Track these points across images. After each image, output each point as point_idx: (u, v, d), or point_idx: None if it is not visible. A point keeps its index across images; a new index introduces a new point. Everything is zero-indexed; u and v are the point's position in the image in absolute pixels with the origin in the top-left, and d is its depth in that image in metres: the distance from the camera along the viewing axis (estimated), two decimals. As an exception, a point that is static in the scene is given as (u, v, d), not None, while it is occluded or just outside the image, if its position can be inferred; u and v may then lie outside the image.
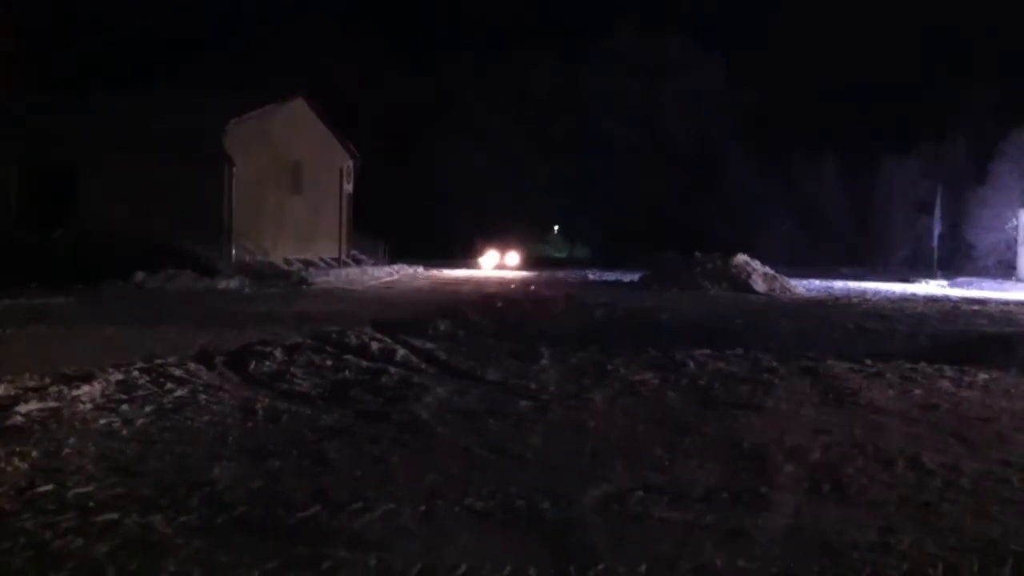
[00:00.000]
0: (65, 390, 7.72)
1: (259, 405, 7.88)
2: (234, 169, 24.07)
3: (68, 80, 30.25)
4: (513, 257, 49.38)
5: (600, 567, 4.36)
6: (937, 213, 44.77)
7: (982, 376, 10.64)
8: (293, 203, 28.11)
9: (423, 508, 5.18)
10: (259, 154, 25.59)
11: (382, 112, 45.87)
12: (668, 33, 53.71)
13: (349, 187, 33.56)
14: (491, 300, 18.07)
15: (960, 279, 37.28)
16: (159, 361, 9.63)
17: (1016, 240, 40.27)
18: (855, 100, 51.57)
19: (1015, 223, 40.74)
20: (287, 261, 26.01)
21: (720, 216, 48.83)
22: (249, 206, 24.73)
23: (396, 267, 33.06)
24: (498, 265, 44.15)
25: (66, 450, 6.20)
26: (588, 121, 55.24)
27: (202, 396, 8.17)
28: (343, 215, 32.96)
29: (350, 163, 33.50)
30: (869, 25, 52.26)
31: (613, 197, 54.22)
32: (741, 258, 26.95)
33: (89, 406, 7.45)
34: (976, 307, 22.49)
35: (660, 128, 54.09)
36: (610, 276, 33.81)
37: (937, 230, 44.87)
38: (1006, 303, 24.12)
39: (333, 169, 32.16)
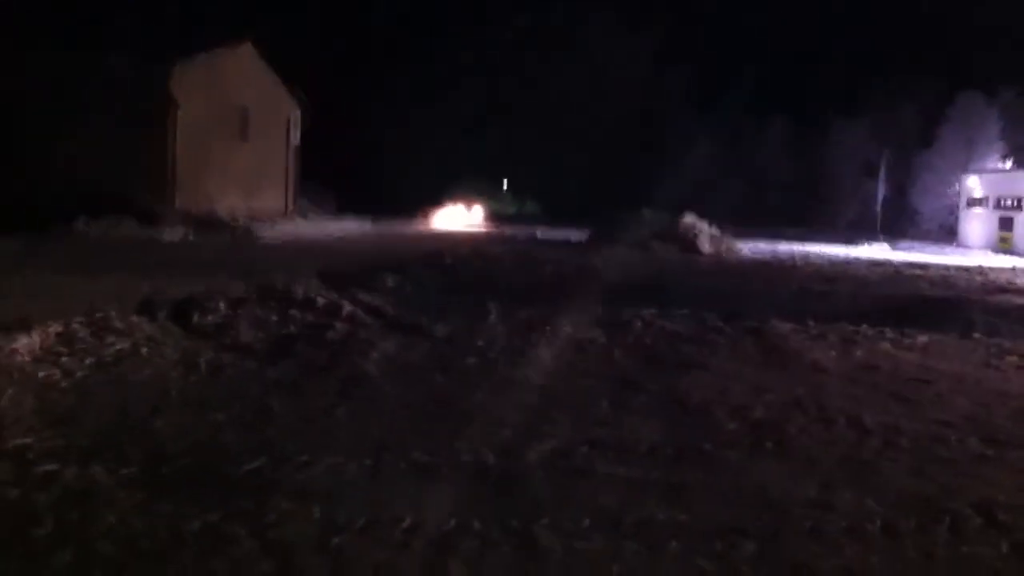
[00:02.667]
0: (2, 341, 7.53)
1: (202, 358, 7.79)
2: (179, 113, 23.52)
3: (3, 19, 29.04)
4: (471, 213, 49.33)
5: (544, 521, 4.39)
6: (882, 177, 45.26)
7: (922, 339, 10.82)
8: (240, 151, 27.57)
9: (368, 462, 5.18)
10: (206, 99, 24.98)
11: (331, 63, 45.14)
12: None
13: (296, 137, 33.01)
14: (439, 256, 17.97)
15: (903, 243, 37.81)
16: (100, 313, 9.42)
17: (958, 205, 40.90)
18: (804, 63, 51.82)
19: (958, 188, 41.34)
20: (233, 211, 25.61)
21: (667, 176, 48.93)
22: (194, 153, 24.18)
23: (344, 221, 32.71)
24: (451, 221, 44.03)
25: (3, 401, 6.08)
26: (536, 81, 54.98)
27: (144, 348, 8.06)
28: (290, 166, 32.39)
29: (298, 112, 32.93)
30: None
31: (562, 156, 54.17)
32: (689, 218, 27.05)
33: (27, 358, 7.29)
34: (918, 271, 22.84)
35: (608, 89, 53.94)
36: (559, 234, 33.80)
37: (881, 194, 45.39)
38: (946, 267, 24.50)
39: (280, 118, 31.54)
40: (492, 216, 51.45)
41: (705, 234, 26.45)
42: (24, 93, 23.32)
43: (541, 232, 36.46)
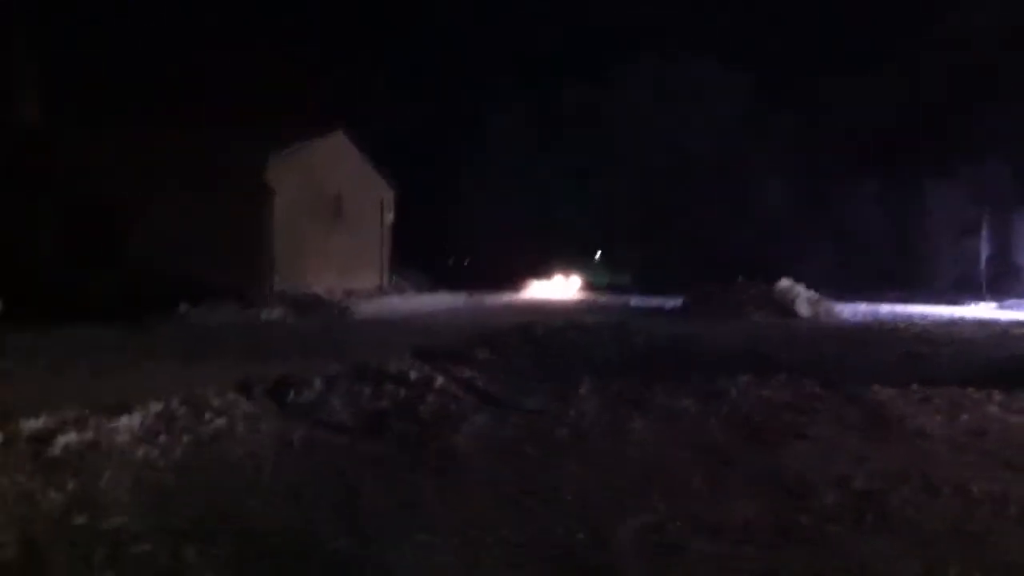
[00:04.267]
0: (104, 421, 7.71)
1: (296, 435, 7.87)
2: (276, 201, 24.22)
3: (99, 109, 30.22)
4: (564, 284, 49.61)
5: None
6: (985, 235, 44.03)
7: (1032, 401, 10.38)
8: (335, 234, 28.22)
9: (457, 541, 5.11)
10: (300, 186, 25.74)
11: (419, 144, 46.14)
12: (697, 54, 53.44)
13: (390, 217, 33.71)
14: (531, 327, 17.96)
15: (1009, 301, 36.61)
16: (199, 392, 9.61)
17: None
18: (895, 123, 50.98)
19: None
20: (330, 291, 26.11)
21: (759, 241, 48.40)
22: (291, 237, 24.84)
23: (438, 296, 33.06)
24: (545, 292, 44.33)
25: (102, 482, 6.21)
26: (618, 145, 55.17)
27: (240, 426, 8.17)
28: (384, 245, 33.05)
29: (390, 194, 33.67)
30: (906, 43, 51.59)
31: (650, 225, 54.11)
32: (785, 283, 26.65)
33: (127, 437, 7.45)
34: (1026, 330, 22.04)
35: (693, 151, 53.73)
36: (651, 303, 33.57)
37: (985, 252, 44.11)
38: (1057, 326, 23.60)
39: (373, 200, 32.29)
40: (586, 286, 51.55)
41: (802, 298, 26.00)
42: (120, 184, 24.17)
43: (635, 301, 36.32)
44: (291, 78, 34.22)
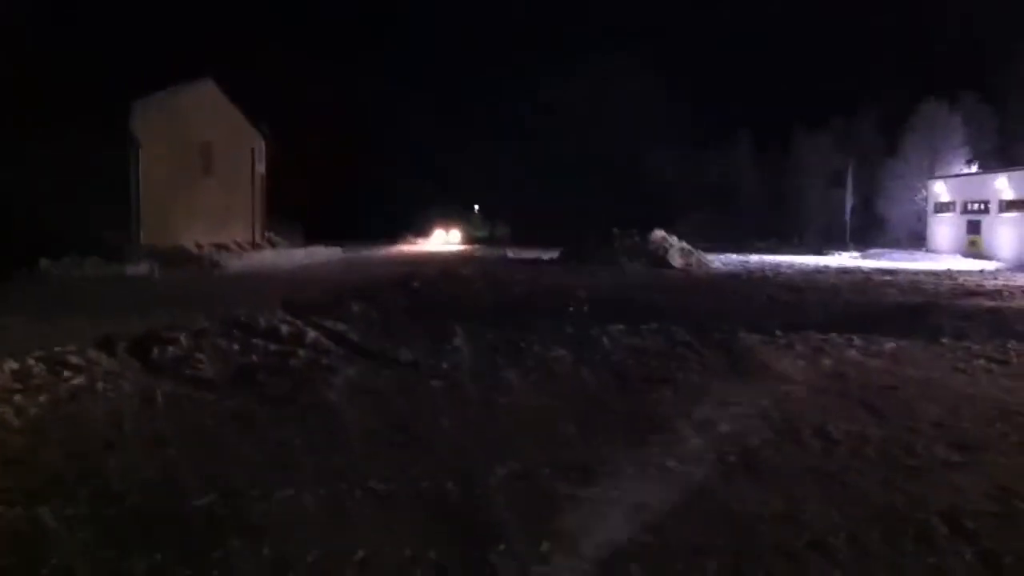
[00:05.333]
0: (-46, 381, 7.35)
1: (159, 392, 7.62)
2: (141, 151, 23.29)
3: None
4: (443, 237, 49.51)
5: (501, 547, 4.26)
6: (849, 186, 45.58)
7: (889, 345, 10.81)
8: (204, 185, 27.33)
9: (323, 493, 5.03)
10: (168, 136, 24.79)
11: (298, 96, 45.06)
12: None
13: (261, 168, 32.82)
14: (407, 280, 17.84)
15: (873, 250, 38.09)
16: (58, 349, 9.23)
17: (926, 211, 41.24)
18: (766, 77, 52.24)
19: (925, 195, 41.71)
20: (198, 245, 25.40)
21: (636, 193, 49.15)
22: (157, 189, 23.91)
23: (313, 249, 32.53)
24: (423, 245, 44.21)
25: (-49, 443, 5.91)
26: (502, 109, 55.36)
27: (100, 384, 7.87)
28: (256, 197, 32.20)
29: (262, 144, 32.78)
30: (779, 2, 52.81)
31: (531, 180, 54.44)
32: (658, 234, 27.13)
33: (-22, 397, 7.11)
34: (887, 278, 22.95)
35: (576, 112, 54.20)
36: (529, 254, 33.75)
37: (849, 203, 45.69)
38: (915, 273, 24.65)
39: (245, 151, 31.33)
40: (465, 239, 51.59)
41: (675, 249, 26.52)
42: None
43: (512, 252, 36.45)
44: (159, 21, 32.72)
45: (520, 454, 5.85)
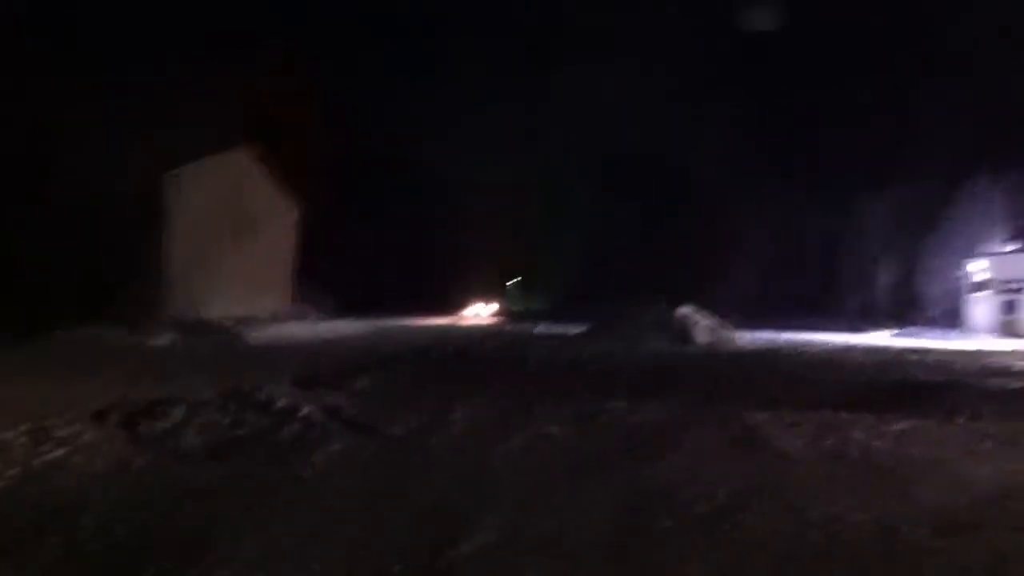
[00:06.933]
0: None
1: (135, 464, 7.51)
2: (172, 220, 23.54)
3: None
4: (484, 309, 49.50)
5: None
6: (886, 263, 44.97)
7: (900, 425, 10.45)
8: (234, 256, 27.56)
9: (260, 575, 4.86)
10: (200, 205, 25.10)
11: (331, 166, 45.48)
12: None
13: (292, 238, 33.09)
14: (421, 353, 17.74)
15: (908, 329, 37.41)
16: (48, 422, 9.20)
17: (963, 290, 40.58)
18: (803, 145, 52.12)
19: (963, 273, 41.07)
20: (225, 316, 25.51)
21: (671, 265, 49.07)
22: (187, 259, 24.17)
23: (344, 322, 32.57)
24: (459, 318, 44.22)
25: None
26: (539, 169, 55.60)
27: (77, 458, 7.79)
28: (286, 267, 32.42)
29: (296, 215, 33.09)
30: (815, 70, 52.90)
31: (570, 252, 54.60)
32: (684, 310, 26.86)
33: (-51, 469, 7.04)
34: (916, 357, 22.44)
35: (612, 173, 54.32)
36: (558, 329, 33.57)
37: (887, 280, 45.04)
38: (946, 352, 24.11)
39: (278, 221, 31.65)
40: (502, 312, 51.55)
41: (701, 325, 26.18)
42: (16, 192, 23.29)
43: (543, 327, 36.30)
44: (194, 89, 33.16)
45: (495, 526, 5.65)
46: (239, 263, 27.93)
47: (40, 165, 23.53)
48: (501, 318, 49.09)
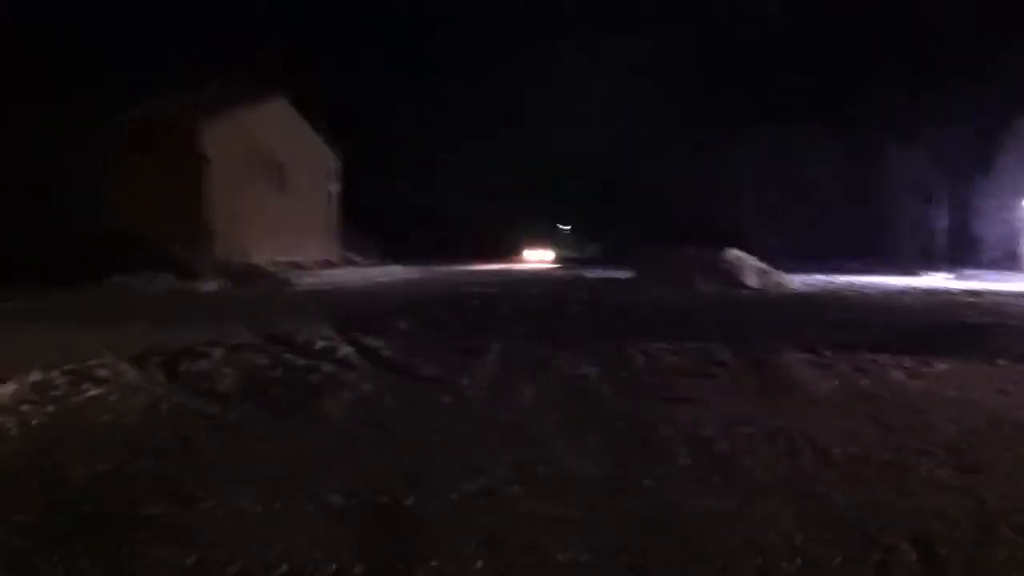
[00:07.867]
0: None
1: (166, 405, 7.67)
2: (212, 168, 23.80)
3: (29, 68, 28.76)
4: (536, 255, 49.52)
5: (433, 563, 4.12)
6: (942, 205, 44.18)
7: (941, 366, 10.32)
8: (278, 203, 27.77)
9: (278, 505, 4.95)
10: (240, 153, 25.28)
11: (380, 110, 45.50)
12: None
13: (337, 186, 33.20)
14: (463, 299, 17.81)
15: (967, 271, 36.83)
16: (90, 362, 9.41)
17: (1021, 231, 39.79)
18: (856, 87, 50.96)
19: (1018, 214, 40.25)
20: (271, 262, 25.78)
21: (721, 208, 48.51)
22: (231, 206, 24.44)
23: (389, 268, 32.72)
24: (510, 264, 44.31)
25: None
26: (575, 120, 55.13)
27: (114, 396, 7.96)
28: (331, 215, 32.62)
29: (337, 162, 33.18)
30: (870, 10, 51.57)
31: (617, 198, 54.24)
32: (732, 253, 26.63)
33: (-7, 408, 7.25)
34: (971, 299, 22.06)
35: (652, 123, 53.63)
36: (606, 273, 33.51)
37: (943, 222, 44.28)
38: (1002, 294, 23.68)
39: (319, 168, 31.77)
40: (556, 258, 51.53)
41: (750, 268, 25.95)
42: (61, 150, 23.67)
43: (590, 272, 36.26)
44: (232, 40, 33.22)
45: (496, 470, 5.68)
46: (284, 210, 28.11)
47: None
48: (555, 264, 49.10)
